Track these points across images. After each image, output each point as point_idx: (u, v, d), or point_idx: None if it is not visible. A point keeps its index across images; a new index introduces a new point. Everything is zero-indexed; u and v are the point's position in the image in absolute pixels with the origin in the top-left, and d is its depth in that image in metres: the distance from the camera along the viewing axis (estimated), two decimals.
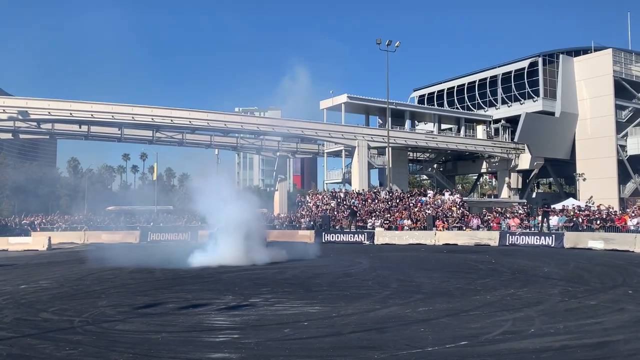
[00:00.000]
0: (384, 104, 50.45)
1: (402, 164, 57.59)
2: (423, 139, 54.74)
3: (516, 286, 13.62)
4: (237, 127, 47.30)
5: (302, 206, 44.22)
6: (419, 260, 21.24)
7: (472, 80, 62.21)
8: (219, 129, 47.10)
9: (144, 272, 17.73)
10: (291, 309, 10.73)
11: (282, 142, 53.30)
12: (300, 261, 21.46)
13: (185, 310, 10.67)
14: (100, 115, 41.51)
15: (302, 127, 48.82)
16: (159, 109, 43.80)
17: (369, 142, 50.49)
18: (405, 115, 57.48)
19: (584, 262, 19.70)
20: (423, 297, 11.99)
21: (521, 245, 28.93)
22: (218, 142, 50.29)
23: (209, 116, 45.38)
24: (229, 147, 53.62)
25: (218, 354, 7.20)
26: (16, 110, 39.45)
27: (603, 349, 7.34)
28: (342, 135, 49.84)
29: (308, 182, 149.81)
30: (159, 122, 43.71)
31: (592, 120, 55.94)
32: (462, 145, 56.50)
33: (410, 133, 56.01)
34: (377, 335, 8.27)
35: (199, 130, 47.01)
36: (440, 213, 36.23)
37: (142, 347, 7.62)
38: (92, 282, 15.45)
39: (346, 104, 53.25)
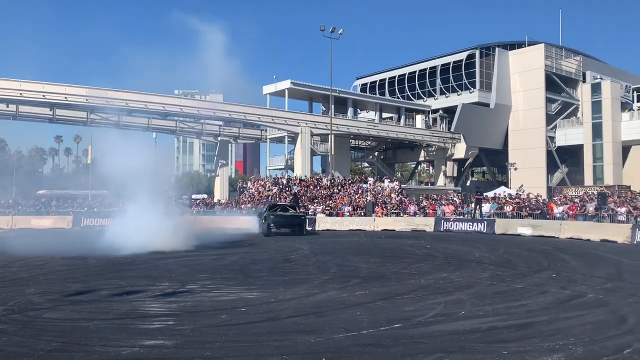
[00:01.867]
0: (328, 91, 50.64)
1: (344, 151, 58.18)
2: (365, 127, 55.44)
3: (449, 270, 14.13)
4: (176, 110, 46.13)
5: (244, 192, 43.86)
6: (358, 246, 21.62)
7: (412, 70, 63.42)
8: (157, 112, 45.79)
9: (76, 258, 17.06)
10: (229, 295, 10.66)
11: (223, 127, 52.51)
12: (241, 247, 21.35)
13: (118, 297, 10.37)
14: (30, 94, 39.34)
15: (245, 112, 48.24)
16: (94, 89, 41.99)
17: (312, 128, 50.62)
18: (348, 103, 57.96)
19: (513, 248, 20.68)
20: (360, 281, 12.22)
21: (455, 231, 30.02)
22: (156, 125, 48.86)
23: (147, 98, 43.96)
24: (168, 131, 52.23)
25: (152, 341, 7.05)
26: None
27: (527, 329, 7.75)
28: (285, 122, 49.68)
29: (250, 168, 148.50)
30: (93, 103, 41.93)
31: (524, 112, 58.46)
32: (401, 134, 57.70)
33: (353, 121, 56.58)
34: (315, 319, 8.36)
35: (136, 112, 45.48)
36: (380, 200, 36.94)
37: (72, 335, 7.36)
38: (19, 269, 14.71)
39: (290, 90, 53.05)
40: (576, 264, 15.83)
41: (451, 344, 6.89)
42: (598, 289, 11.29)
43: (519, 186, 41.58)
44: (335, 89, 53.36)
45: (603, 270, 14.30)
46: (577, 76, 61.10)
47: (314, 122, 51.55)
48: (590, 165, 56.26)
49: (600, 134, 55.48)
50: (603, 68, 63.77)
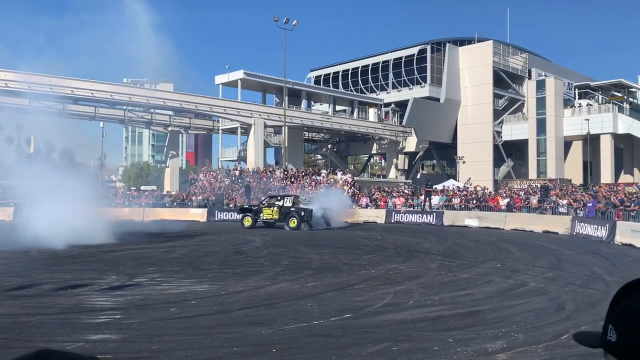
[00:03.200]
0: (281, 82, 50.37)
1: (297, 143, 58.11)
2: (319, 119, 55.52)
3: (399, 261, 14.42)
4: (125, 99, 44.74)
5: (195, 183, 43.19)
6: (310, 237, 21.72)
7: (365, 63, 63.89)
8: (105, 100, 44.29)
9: (18, 251, 16.36)
10: (179, 288, 10.52)
11: (174, 117, 51.39)
12: (191, 239, 21.05)
13: (62, 291, 10.03)
14: None
15: (196, 101, 47.33)
16: (36, 75, 40.14)
17: (265, 120, 50.24)
18: (302, 95, 57.86)
19: (460, 239, 21.30)
20: (312, 272, 12.31)
21: (405, 222, 30.60)
22: (104, 115, 47.28)
23: (94, 86, 42.44)
24: (116, 120, 50.66)
25: (98, 335, 6.88)
26: None
27: (472, 317, 8.02)
28: (238, 112, 49.08)
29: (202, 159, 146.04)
30: (36, 89, 40.10)
31: (473, 107, 59.99)
32: (354, 127, 58.14)
33: (307, 113, 56.54)
34: (265, 311, 8.37)
35: (82, 100, 43.87)
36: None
37: (13, 331, 7.08)
38: None
39: (242, 81, 52.39)
40: (520, 254, 16.46)
41: (399, 333, 7.05)
42: (539, 278, 11.80)
43: (466, 179, 42.72)
44: (289, 81, 53.13)
45: (544, 260, 14.94)
46: (523, 73, 63.14)
47: (268, 113, 51.20)
48: (534, 159, 58.39)
49: (544, 129, 57.62)
50: (548, 66, 66.19)
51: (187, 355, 5.97)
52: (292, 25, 44.33)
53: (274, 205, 27.68)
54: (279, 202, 27.93)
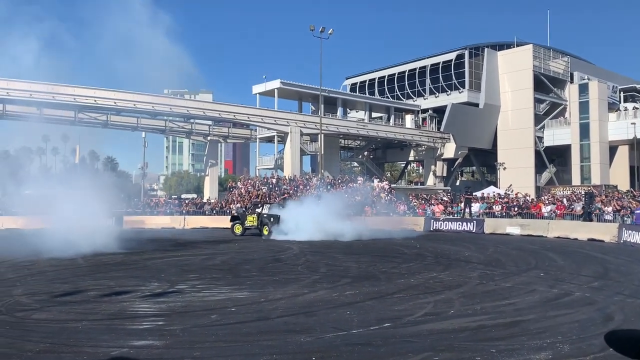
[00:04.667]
0: (317, 90, 50.61)
1: (333, 151, 58.22)
2: (354, 126, 55.50)
3: (438, 270, 14.21)
4: (165, 109, 45.83)
5: (233, 191, 43.74)
6: (348, 246, 21.65)
7: (402, 70, 63.59)
8: (147, 111, 45.47)
9: (64, 259, 16.93)
10: (219, 294, 10.65)
11: (213, 127, 52.33)
12: (231, 246, 21.32)
13: (107, 297, 10.31)
14: (16, 93, 38.89)
15: (234, 111, 48.08)
16: (82, 88, 41.61)
17: (301, 128, 50.57)
18: (338, 103, 57.98)
19: (501, 247, 20.85)
20: (350, 281, 12.26)
21: (445, 230, 30.17)
22: (145, 125, 48.61)
23: (136, 97, 43.65)
24: (157, 131, 51.96)
25: (141, 342, 7.03)
26: None
27: (515, 327, 7.83)
28: (275, 121, 49.58)
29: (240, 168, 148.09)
30: (81, 102, 41.58)
31: (513, 112, 58.82)
32: (391, 134, 57.84)
33: (342, 121, 56.61)
34: (305, 319, 8.38)
35: (125, 111, 45.16)
36: (370, 199, 37.02)
37: (60, 336, 7.31)
38: (6, 269, 14.57)
39: (279, 90, 52.93)
40: (564, 262, 15.99)
41: (440, 342, 6.94)
42: (585, 287, 11.42)
43: (507, 186, 41.85)
44: (325, 89, 53.35)
45: (590, 269, 14.46)
46: (564, 77, 61.59)
47: (304, 121, 51.52)
48: (577, 165, 56.76)
49: (587, 134, 56.00)
50: (590, 69, 64.36)
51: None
52: (328, 34, 44.53)
53: (254, 213, 27.62)
54: (258, 209, 27.81)
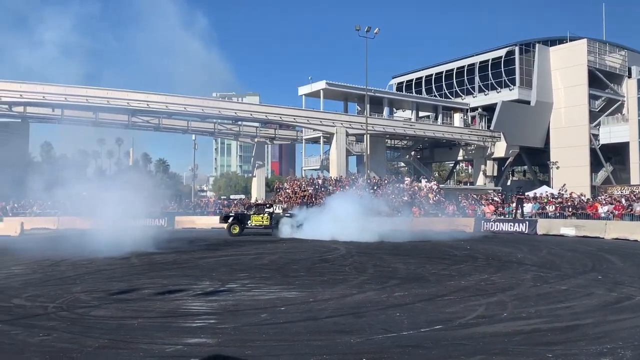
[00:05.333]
0: (363, 90, 50.48)
1: (380, 151, 57.85)
2: (401, 126, 55.00)
3: (490, 272, 13.88)
4: (214, 112, 46.81)
5: (280, 192, 44.16)
6: (395, 247, 21.46)
7: (450, 68, 62.56)
8: (196, 114, 46.58)
9: (119, 258, 17.55)
10: (268, 294, 10.77)
11: (260, 128, 53.06)
12: (278, 246, 21.54)
13: (161, 295, 10.61)
14: (74, 98, 40.61)
15: (281, 113, 48.57)
16: (135, 92, 43.04)
17: (347, 129, 50.53)
18: (384, 103, 57.62)
19: (556, 248, 20.17)
20: (399, 282, 12.14)
21: (496, 231, 29.45)
22: (195, 128, 49.85)
23: (186, 101, 44.79)
24: (207, 133, 53.21)
25: (195, 339, 7.19)
26: None
27: (572, 332, 7.55)
28: (321, 122, 49.77)
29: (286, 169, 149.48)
30: (134, 106, 43.00)
31: (566, 109, 56.85)
32: (439, 133, 56.96)
33: (389, 120, 56.22)
34: (354, 319, 8.36)
35: (176, 115, 46.42)
36: (417, 200, 36.59)
37: (118, 332, 7.58)
38: (66, 268, 15.24)
39: (325, 91, 53.09)
40: (623, 265, 15.31)
41: (494, 346, 6.77)
42: None
43: (561, 185, 40.46)
44: (371, 89, 53.10)
45: None
46: (621, 71, 59.02)
47: (349, 122, 51.46)
48: (636, 164, 54.28)
49: None
50: None
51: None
52: (374, 34, 44.32)
53: (263, 212, 28.89)
54: (268, 209, 29.34)
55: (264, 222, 28.64)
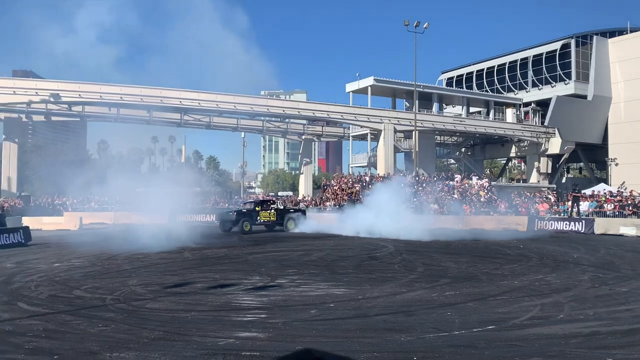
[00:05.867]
0: (411, 86, 49.84)
1: (429, 147, 56.97)
2: (451, 122, 53.99)
3: (545, 272, 13.44)
4: (263, 110, 47.36)
5: (327, 189, 44.27)
6: (445, 245, 21.10)
7: (502, 62, 60.90)
8: (246, 112, 47.26)
9: (173, 252, 18.07)
10: (317, 290, 10.81)
11: (307, 126, 53.30)
12: (326, 243, 21.59)
13: (213, 290, 10.84)
14: (129, 98, 42.00)
15: (328, 110, 48.61)
16: (187, 92, 44.11)
17: (395, 125, 50.05)
18: (433, 98, 56.71)
19: (615, 249, 19.31)
20: (449, 281, 11.93)
21: (550, 230, 28.49)
22: (244, 125, 50.59)
23: (236, 99, 45.52)
24: (255, 130, 53.92)
25: (246, 333, 7.31)
26: (48, 93, 40.22)
27: (634, 335, 7.21)
28: (368, 119, 49.48)
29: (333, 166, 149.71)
30: (186, 105, 44.06)
31: (627, 103, 54.27)
32: (490, 129, 55.55)
33: (438, 116, 55.27)
34: (404, 318, 8.28)
35: (226, 113, 47.27)
36: (468, 197, 35.86)
37: (172, 325, 7.79)
38: (122, 261, 15.81)
39: (372, 87, 52.71)
40: None
41: (550, 348, 6.56)
42: None
43: (620, 183, 38.69)
44: (420, 84, 52.36)
45: None
46: None
47: (398, 118, 50.93)
48: None
49: None
50: None
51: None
52: (423, 28, 43.65)
53: (270, 209, 29.96)
54: (273, 205, 30.58)
55: (271, 219, 29.76)
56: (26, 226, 25.59)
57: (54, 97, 40.40)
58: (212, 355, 6.21)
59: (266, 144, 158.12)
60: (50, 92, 40.25)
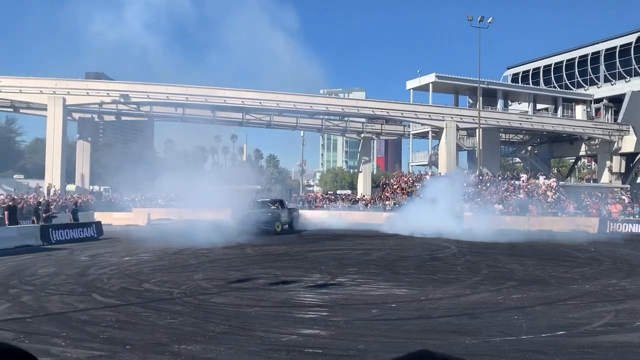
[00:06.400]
0: (475, 83, 48.59)
1: (493, 146, 55.33)
2: (517, 119, 52.16)
3: (618, 276, 12.76)
4: (322, 109, 47.60)
5: (386, 188, 43.93)
6: (511, 247, 20.44)
7: (571, 57, 58.26)
8: (305, 111, 47.67)
9: (235, 248, 18.49)
10: (378, 290, 10.73)
11: (366, 124, 53.06)
12: (386, 243, 21.43)
13: (275, 286, 11.00)
14: (194, 98, 43.33)
15: (388, 108, 48.19)
16: (248, 91, 45.01)
17: (457, 123, 48.93)
18: (498, 95, 55.02)
19: None
20: (516, 284, 11.54)
21: (624, 233, 27.01)
22: (304, 124, 51.03)
23: (296, 98, 46.01)
24: (314, 129, 54.26)
25: (308, 330, 7.36)
26: (118, 94, 42.15)
27: None
28: (430, 116, 48.64)
29: (392, 164, 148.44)
30: (248, 104, 44.96)
31: None
32: (559, 127, 53.25)
33: (503, 113, 53.58)
34: (468, 320, 8.08)
35: (286, 112, 47.86)
36: (535, 198, 34.58)
37: (237, 319, 7.96)
38: (188, 256, 16.33)
39: (434, 84, 51.79)
40: None
41: (625, 357, 6.22)
42: None
43: None
44: (484, 80, 50.94)
45: None
46: None
47: (460, 115, 49.77)
48: None
49: None
50: None
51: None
52: (488, 23, 42.46)
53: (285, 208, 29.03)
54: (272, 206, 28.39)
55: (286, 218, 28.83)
56: (98, 221, 26.98)
57: (124, 98, 42.27)
58: (276, 351, 6.30)
59: (325, 143, 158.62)
60: (120, 93, 42.14)
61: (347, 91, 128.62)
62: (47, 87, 40.66)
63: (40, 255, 16.93)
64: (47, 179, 40.38)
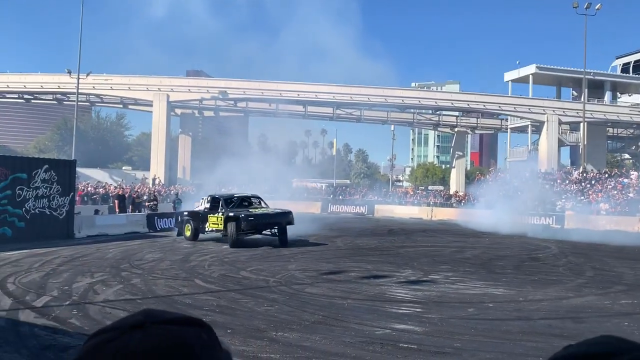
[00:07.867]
0: (580, 74, 45.55)
1: (599, 141, 51.64)
2: (627, 112, 48.30)
3: None
4: (414, 102, 46.87)
5: (482, 185, 42.39)
6: (619, 248, 19.00)
7: None
8: (396, 105, 47.19)
9: (326, 240, 18.74)
10: (473, 289, 10.43)
11: (460, 117, 51.53)
12: (480, 241, 20.76)
13: (366, 280, 11.03)
14: (287, 94, 44.36)
15: (484, 101, 46.51)
16: (339, 86, 45.35)
17: (560, 116, 46.21)
18: (605, 87, 51.22)
19: None
20: (625, 288, 10.74)
21: None
22: (394, 118, 50.52)
23: (386, 92, 45.67)
24: (405, 123, 53.58)
25: (402, 325, 7.31)
26: (217, 90, 44.13)
27: None
28: (529, 109, 46.32)
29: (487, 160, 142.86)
30: (339, 99, 45.30)
31: None
32: None
33: (611, 106, 49.84)
34: (572, 324, 7.64)
35: (376, 106, 47.66)
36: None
37: (330, 310, 8.09)
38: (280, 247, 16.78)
39: (534, 75, 49.19)
40: None
41: None
42: None
43: None
44: (589, 71, 47.61)
45: None
46: None
47: (563, 109, 46.93)
48: None
49: None
50: None
51: (491, 358, 5.86)
52: (595, 10, 39.56)
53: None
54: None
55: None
56: None
57: (222, 94, 44.19)
58: (370, 344, 6.32)
59: (415, 137, 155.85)
60: (219, 90, 44.09)
61: (440, 84, 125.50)
62: (152, 85, 43.46)
63: (147, 241, 18.14)
64: (152, 170, 43.21)
